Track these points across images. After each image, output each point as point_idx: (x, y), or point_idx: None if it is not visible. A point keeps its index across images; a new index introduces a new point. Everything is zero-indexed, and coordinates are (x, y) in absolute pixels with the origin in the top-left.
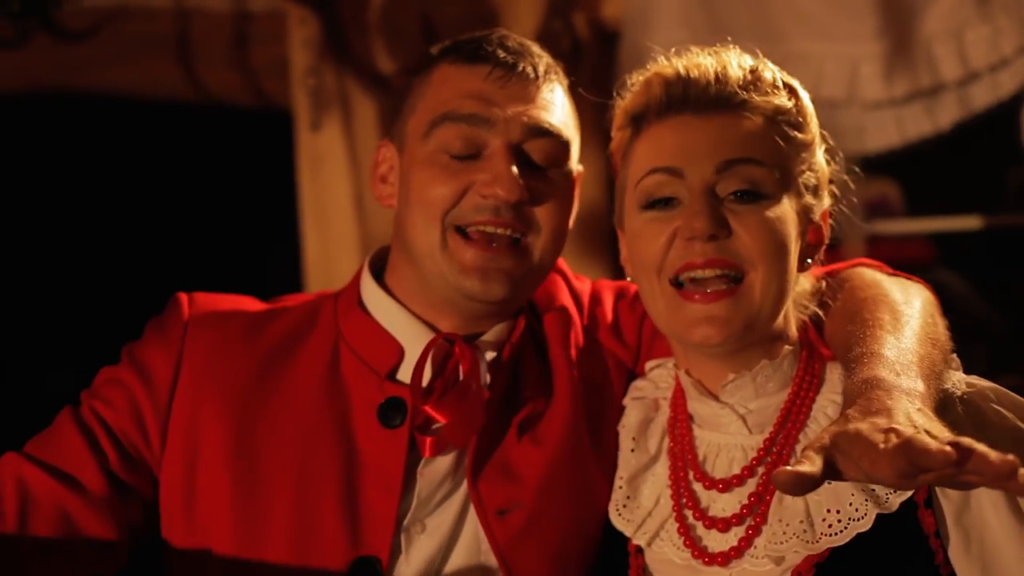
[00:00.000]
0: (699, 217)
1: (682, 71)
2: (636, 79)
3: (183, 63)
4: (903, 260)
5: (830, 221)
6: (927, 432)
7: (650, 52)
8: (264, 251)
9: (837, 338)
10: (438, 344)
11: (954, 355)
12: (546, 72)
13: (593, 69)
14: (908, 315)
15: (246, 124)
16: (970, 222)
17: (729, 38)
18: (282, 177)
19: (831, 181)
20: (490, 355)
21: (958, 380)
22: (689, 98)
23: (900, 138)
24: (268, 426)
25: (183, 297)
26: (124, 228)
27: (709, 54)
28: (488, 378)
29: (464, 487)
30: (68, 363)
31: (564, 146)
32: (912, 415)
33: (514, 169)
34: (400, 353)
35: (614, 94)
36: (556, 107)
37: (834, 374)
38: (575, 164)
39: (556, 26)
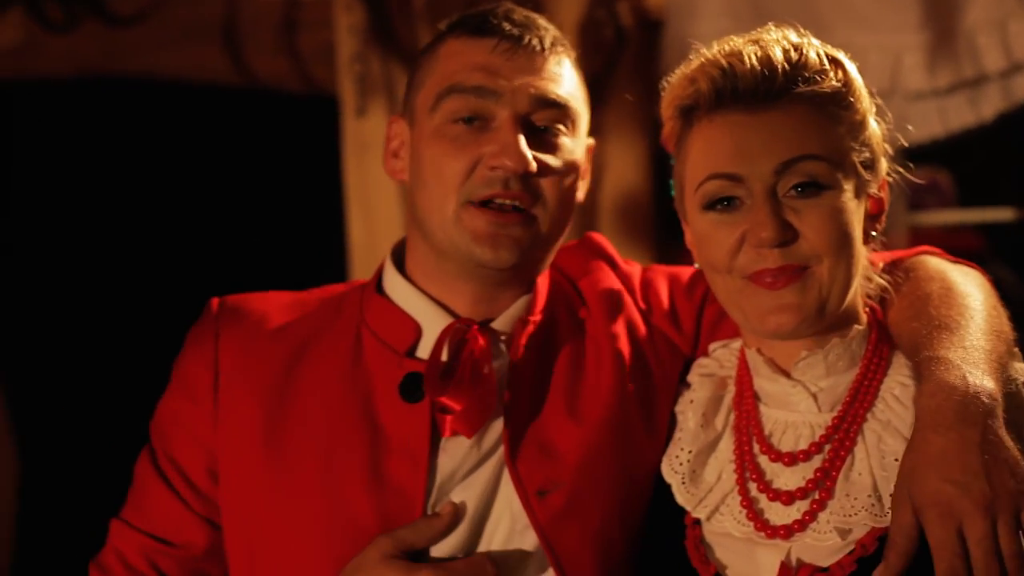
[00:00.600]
0: (766, 227)
1: (726, 65)
2: (681, 71)
3: (230, 49)
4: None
5: (887, 180)
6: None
7: (694, 41)
8: (309, 237)
9: (903, 333)
10: (454, 329)
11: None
12: (552, 44)
13: (636, 58)
14: (973, 309)
15: (293, 110)
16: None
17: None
18: (328, 163)
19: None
20: (509, 335)
21: (1020, 368)
22: (738, 94)
23: (943, 129)
24: (296, 416)
25: (214, 301)
26: (170, 213)
27: (751, 41)
28: (509, 360)
29: (492, 462)
30: (119, 345)
31: (572, 117)
32: (968, 462)
33: (522, 139)
34: (417, 331)
35: (660, 84)
36: (563, 79)
37: (901, 356)
38: (584, 136)
39: (599, 14)
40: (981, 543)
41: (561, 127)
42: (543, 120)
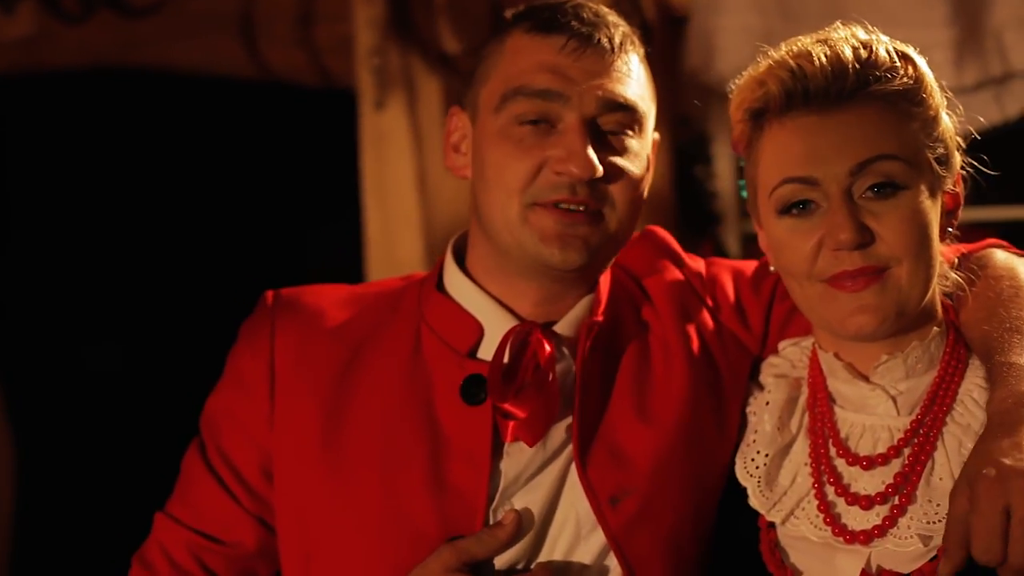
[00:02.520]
0: (843, 229)
1: (795, 67)
2: (748, 73)
3: (246, 40)
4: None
5: (962, 173)
6: None
7: (719, 35)
8: (326, 231)
9: (975, 336)
10: (516, 331)
11: None
12: (622, 43)
13: (661, 52)
14: None
15: (309, 102)
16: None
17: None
18: (344, 156)
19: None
20: (572, 337)
21: None
22: (809, 96)
23: (969, 127)
24: (355, 415)
25: (269, 295)
26: (185, 207)
27: (819, 41)
28: (573, 364)
29: (557, 467)
30: (129, 339)
31: (640, 119)
32: None
33: (589, 146)
34: (479, 331)
35: (683, 78)
36: (632, 79)
37: (976, 358)
38: (650, 133)
39: (624, 8)
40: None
41: (628, 129)
42: (610, 123)
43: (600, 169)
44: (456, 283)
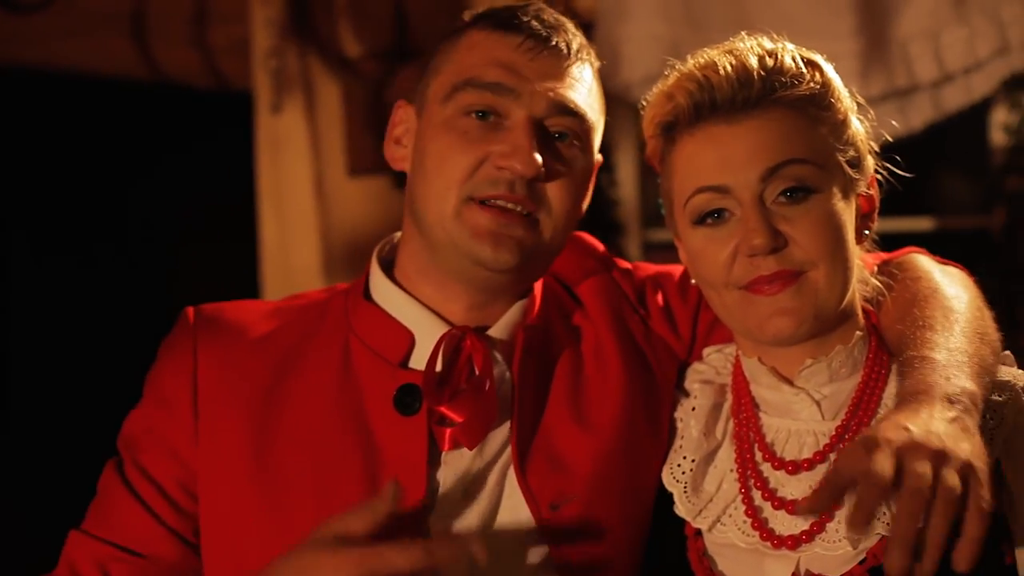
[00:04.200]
0: (757, 234)
1: (702, 78)
2: (658, 88)
3: (137, 40)
4: None
5: (876, 176)
6: (937, 442)
7: (625, 44)
8: (219, 238)
9: (891, 335)
10: (449, 336)
11: (1007, 351)
12: (578, 51)
13: None
14: (958, 311)
15: (202, 105)
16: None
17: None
18: (239, 161)
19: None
20: (508, 342)
21: (1017, 374)
22: (716, 106)
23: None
24: (285, 431)
25: (189, 311)
26: (70, 211)
27: (725, 51)
28: (508, 368)
29: (495, 474)
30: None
31: (587, 129)
32: (934, 425)
33: (534, 144)
34: (410, 340)
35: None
36: (584, 88)
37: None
38: (595, 151)
39: None
40: (950, 492)
41: (575, 138)
42: (558, 127)
43: (542, 169)
44: (384, 291)
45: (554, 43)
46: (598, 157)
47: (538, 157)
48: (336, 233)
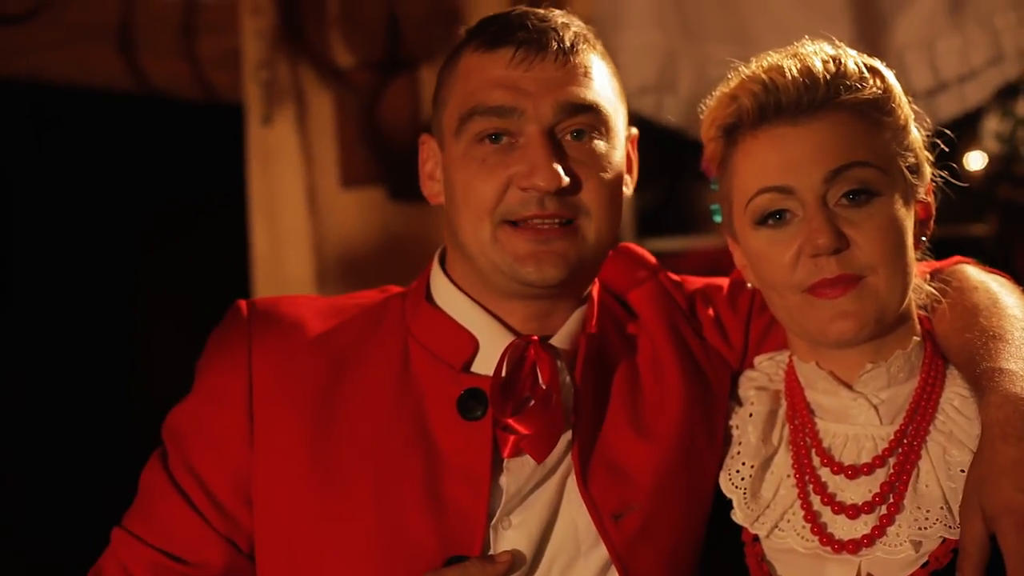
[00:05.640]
0: (821, 234)
1: (767, 80)
2: (720, 91)
3: (125, 51)
4: None
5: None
6: None
7: (621, 53)
8: (211, 250)
9: (954, 345)
10: (515, 345)
11: None
12: (573, 44)
13: None
14: (1022, 319)
15: (192, 117)
16: None
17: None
18: (229, 173)
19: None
20: (570, 350)
21: None
22: (781, 107)
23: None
24: (343, 434)
25: (242, 304)
26: (59, 224)
27: (790, 55)
28: (571, 377)
29: (555, 482)
30: None
31: (605, 118)
32: None
33: (551, 157)
34: (475, 345)
35: None
36: (590, 79)
37: (954, 367)
38: (622, 130)
39: None
40: None
41: (594, 131)
42: (572, 127)
43: (565, 179)
44: (447, 296)
45: (547, 45)
46: (632, 131)
47: (558, 168)
48: (329, 245)
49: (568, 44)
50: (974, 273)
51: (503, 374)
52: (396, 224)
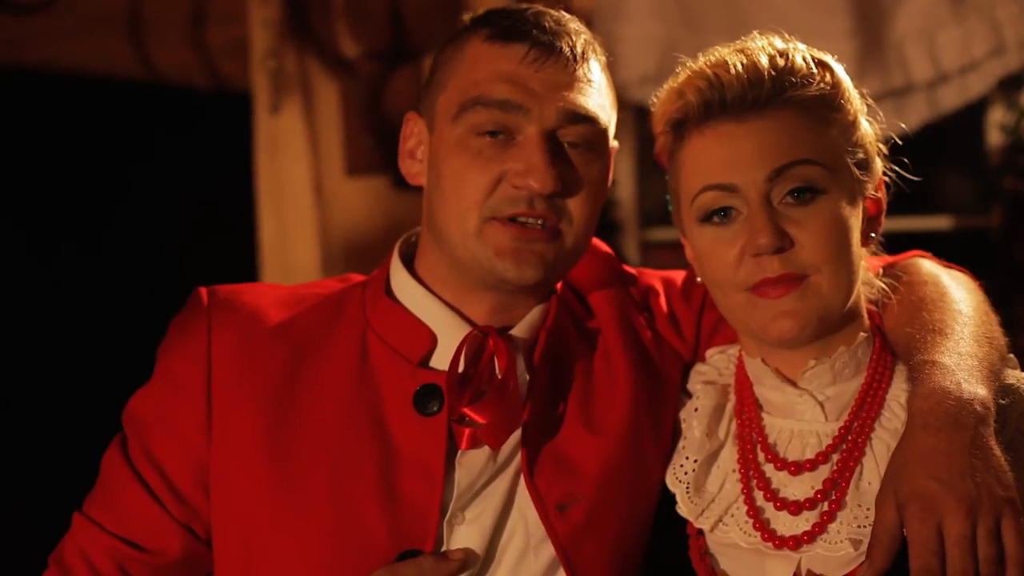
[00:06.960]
0: (762, 233)
1: (712, 76)
2: (668, 85)
3: (134, 41)
4: None
5: (884, 179)
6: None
7: (622, 43)
8: (218, 238)
9: (898, 337)
10: (472, 336)
11: (1011, 354)
12: (583, 52)
13: None
14: (966, 314)
15: (200, 106)
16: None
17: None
18: (237, 162)
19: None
20: (527, 343)
21: (1020, 376)
22: (726, 104)
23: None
24: (301, 424)
25: (203, 292)
26: (69, 211)
27: (736, 50)
28: (527, 369)
29: (507, 475)
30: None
31: (600, 131)
32: (957, 462)
33: (548, 159)
34: (432, 340)
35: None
36: (593, 90)
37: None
38: (610, 145)
39: None
40: (959, 543)
41: (589, 142)
42: (570, 136)
43: (559, 184)
44: (406, 289)
45: (559, 49)
46: (614, 144)
47: (553, 171)
48: (335, 232)
49: (579, 51)
50: (927, 267)
51: (461, 367)
52: (400, 212)
